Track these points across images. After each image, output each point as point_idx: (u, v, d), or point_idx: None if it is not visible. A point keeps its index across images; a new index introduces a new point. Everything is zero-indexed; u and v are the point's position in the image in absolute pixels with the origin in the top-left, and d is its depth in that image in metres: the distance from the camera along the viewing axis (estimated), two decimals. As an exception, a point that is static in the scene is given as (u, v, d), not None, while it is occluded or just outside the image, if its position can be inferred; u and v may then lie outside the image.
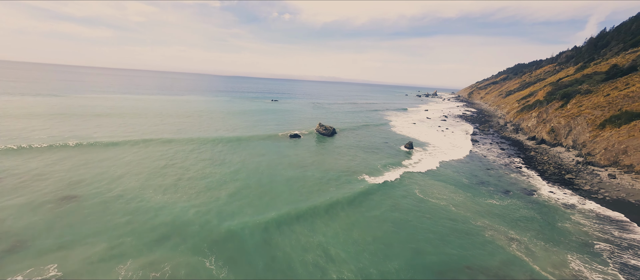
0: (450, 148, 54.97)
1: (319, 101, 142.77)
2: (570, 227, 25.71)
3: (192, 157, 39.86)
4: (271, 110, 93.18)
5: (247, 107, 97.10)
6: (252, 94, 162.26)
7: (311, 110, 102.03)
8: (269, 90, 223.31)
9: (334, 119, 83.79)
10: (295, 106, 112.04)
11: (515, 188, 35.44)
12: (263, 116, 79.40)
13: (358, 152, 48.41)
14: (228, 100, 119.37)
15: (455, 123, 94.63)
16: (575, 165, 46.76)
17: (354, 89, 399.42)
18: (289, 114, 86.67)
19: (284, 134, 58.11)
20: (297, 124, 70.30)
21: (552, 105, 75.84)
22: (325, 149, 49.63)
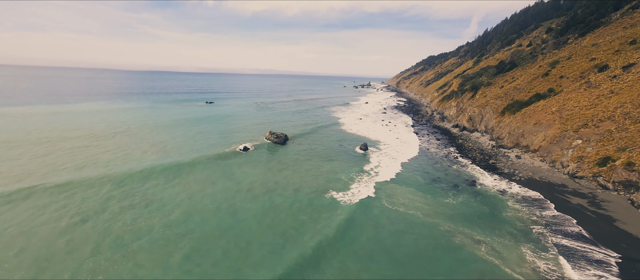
0: (399, 145, 59.03)
1: (262, 100, 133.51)
2: (511, 215, 30.34)
3: (111, 205, 29.58)
4: (209, 117, 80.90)
5: (178, 115, 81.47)
6: (179, 95, 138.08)
7: (255, 112, 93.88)
8: (199, 88, 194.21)
9: (283, 122, 79.15)
10: (236, 109, 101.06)
11: (460, 180, 40.12)
12: (201, 127, 67.95)
13: (317, 162, 46.31)
14: (150, 106, 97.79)
15: (394, 115, 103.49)
16: (492, 149, 57.05)
17: (294, 82, 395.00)
18: (232, 120, 77.14)
19: (231, 148, 50.73)
20: (244, 133, 62.96)
21: (466, 95, 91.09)
22: (283, 162, 45.56)
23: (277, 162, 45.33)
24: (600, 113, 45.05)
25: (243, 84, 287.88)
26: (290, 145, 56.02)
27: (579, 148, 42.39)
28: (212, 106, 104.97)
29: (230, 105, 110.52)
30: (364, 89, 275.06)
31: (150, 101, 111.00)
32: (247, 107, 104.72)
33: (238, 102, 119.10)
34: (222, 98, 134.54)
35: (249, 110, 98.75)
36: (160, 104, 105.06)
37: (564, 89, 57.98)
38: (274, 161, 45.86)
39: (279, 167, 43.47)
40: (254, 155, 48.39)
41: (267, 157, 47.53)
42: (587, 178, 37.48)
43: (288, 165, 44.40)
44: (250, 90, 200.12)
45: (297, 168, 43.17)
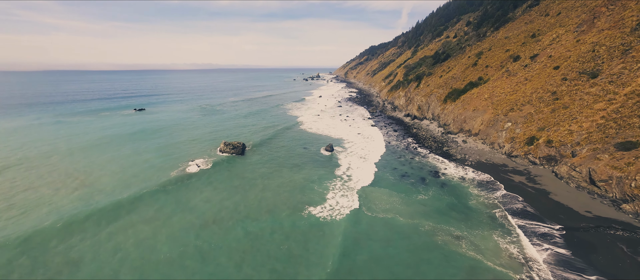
0: (363, 141, 59.69)
1: (206, 101, 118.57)
2: (475, 203, 33.23)
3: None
4: (143, 130, 67.01)
5: (99, 131, 64.88)
6: (96, 103, 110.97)
7: (202, 118, 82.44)
8: (123, 91, 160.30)
9: (237, 127, 71.52)
10: (177, 116, 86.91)
11: (425, 172, 42.49)
12: (135, 145, 55.53)
13: (285, 172, 42.75)
14: (54, 121, 75.35)
15: (350, 108, 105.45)
16: (441, 135, 62.90)
17: (239, 78, 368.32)
18: (174, 132, 65.68)
19: (181, 170, 42.68)
20: (193, 147, 54.12)
21: (412, 85, 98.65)
22: (246, 178, 40.48)
23: (240, 179, 39.98)
24: (521, 98, 53.54)
25: (180, 82, 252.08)
26: (250, 155, 50.51)
27: (510, 130, 49.68)
28: (144, 115, 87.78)
29: (167, 111, 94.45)
30: (314, 82, 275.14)
31: (54, 114, 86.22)
32: (190, 113, 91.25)
33: (177, 107, 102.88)
34: (155, 103, 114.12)
35: (193, 116, 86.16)
36: (69, 116, 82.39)
37: (490, 78, 67.33)
38: (237, 178, 40.34)
39: (244, 184, 38.38)
40: (211, 174, 41.67)
41: (227, 175, 41.53)
42: (520, 156, 44.15)
43: (253, 180, 39.60)
44: (190, 90, 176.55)
45: (264, 183, 38.84)
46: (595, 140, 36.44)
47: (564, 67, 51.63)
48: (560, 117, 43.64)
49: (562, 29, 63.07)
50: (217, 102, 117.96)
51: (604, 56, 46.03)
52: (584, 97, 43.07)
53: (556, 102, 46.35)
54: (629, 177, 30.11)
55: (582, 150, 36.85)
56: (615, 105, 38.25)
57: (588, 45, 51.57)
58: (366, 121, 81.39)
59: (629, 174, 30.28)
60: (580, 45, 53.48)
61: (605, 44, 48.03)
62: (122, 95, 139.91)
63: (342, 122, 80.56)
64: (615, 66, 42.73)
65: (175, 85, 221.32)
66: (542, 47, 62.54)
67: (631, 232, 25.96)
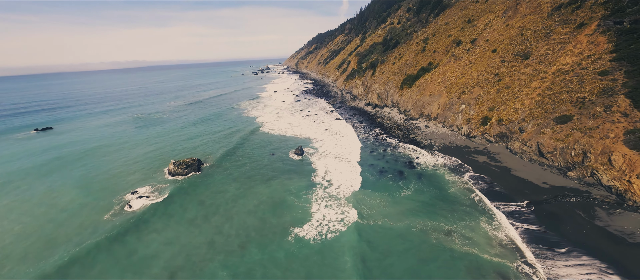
0: (332, 138, 57.37)
1: (140, 109, 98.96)
2: (454, 190, 34.35)
3: None
4: (55, 158, 51.02)
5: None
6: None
7: (137, 133, 67.88)
8: (14, 104, 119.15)
9: (186, 140, 60.98)
10: (101, 132, 69.52)
11: (400, 165, 42.64)
12: (46, 184, 41.41)
13: (256, 189, 37.47)
14: None
15: (309, 102, 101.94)
16: (404, 122, 65.08)
17: (178, 76, 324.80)
18: (101, 156, 51.92)
19: (119, 209, 33.31)
20: (130, 175, 43.26)
21: (367, 73, 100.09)
22: (207, 205, 33.90)
23: (204, 206, 33.26)
24: (469, 81, 58.25)
25: (99, 87, 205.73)
26: (209, 173, 43.09)
27: (465, 112, 53.72)
28: (52, 136, 67.68)
29: (87, 128, 74.82)
30: (265, 75, 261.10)
31: None
32: (120, 127, 74.38)
33: (101, 121, 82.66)
34: (66, 117, 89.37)
35: (125, 131, 70.41)
36: None
37: (440, 63, 71.90)
38: (200, 206, 33.44)
39: (212, 212, 32.00)
40: (165, 206, 33.62)
41: (186, 203, 34.12)
42: (478, 137, 48.03)
43: (222, 205, 33.42)
44: (115, 96, 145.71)
45: (235, 206, 33.14)
46: (537, 116, 41.36)
47: (500, 49, 57.63)
48: (505, 97, 48.57)
49: (492, 14, 70.37)
50: (154, 109, 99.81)
51: (531, 39, 52.53)
52: (521, 77, 48.62)
53: (500, 83, 51.47)
54: (569, 147, 34.77)
55: (528, 126, 41.55)
56: (546, 83, 43.95)
57: (516, 29, 58.38)
58: (330, 115, 79.40)
59: (568, 144, 34.96)
60: (509, 29, 60.28)
61: (530, 28, 54.89)
62: (12, 111, 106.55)
63: (305, 118, 76.81)
64: (542, 48, 49.08)
65: (93, 91, 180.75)
66: (479, 32, 68.96)
67: (580, 197, 29.91)
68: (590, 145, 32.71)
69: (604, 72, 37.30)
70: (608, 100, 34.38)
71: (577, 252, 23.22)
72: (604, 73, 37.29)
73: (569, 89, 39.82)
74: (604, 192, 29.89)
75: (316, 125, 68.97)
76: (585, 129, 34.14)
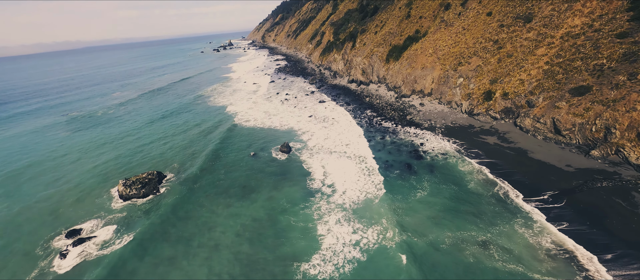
0: (321, 127, 49.54)
1: (77, 105, 79.34)
2: (474, 184, 29.85)
3: None
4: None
5: None
6: None
7: (73, 140, 52.40)
8: None
9: (141, 147, 48.54)
10: (26, 145, 53.39)
11: (405, 155, 37.11)
12: None
13: (236, 208, 29.32)
14: None
15: (285, 83, 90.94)
16: (396, 101, 59.16)
17: (121, 58, 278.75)
18: (21, 182, 38.73)
19: (55, 252, 23.50)
20: (65, 205, 32.07)
21: (347, 46, 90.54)
22: (180, 239, 25.41)
23: (173, 244, 24.69)
24: (465, 50, 52.85)
25: (21, 77, 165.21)
26: (173, 188, 33.44)
27: (464, 86, 48.93)
28: None
29: (5, 138, 57.54)
30: (229, 52, 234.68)
31: None
32: (51, 133, 57.73)
33: (26, 126, 64.02)
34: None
35: (58, 139, 54.59)
36: None
37: (428, 30, 65.16)
38: (166, 244, 24.67)
39: (183, 252, 23.70)
40: (119, 249, 24.34)
41: (147, 241, 25.14)
42: (482, 114, 43.87)
43: (195, 238, 25.12)
44: (43, 89, 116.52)
45: (212, 239, 25.09)
46: (548, 87, 37.57)
47: (497, 12, 52.20)
48: (508, 67, 44.14)
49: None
50: (96, 104, 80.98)
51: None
52: (524, 43, 44.10)
53: (500, 51, 46.71)
54: (589, 123, 31.55)
55: (539, 100, 37.82)
56: (554, 49, 39.85)
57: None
58: (311, 97, 70.50)
59: (588, 119, 31.69)
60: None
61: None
62: None
63: (284, 103, 67.20)
64: (545, 8, 44.33)
65: (13, 83, 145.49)
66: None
67: (611, 180, 27.04)
68: (615, 120, 29.57)
69: (623, 34, 33.61)
70: (632, 67, 30.98)
71: (632, 255, 20.00)
72: (622, 35, 33.60)
73: (583, 56, 36.00)
74: (633, 171, 27.30)
75: (299, 111, 60.17)
76: (608, 101, 30.82)
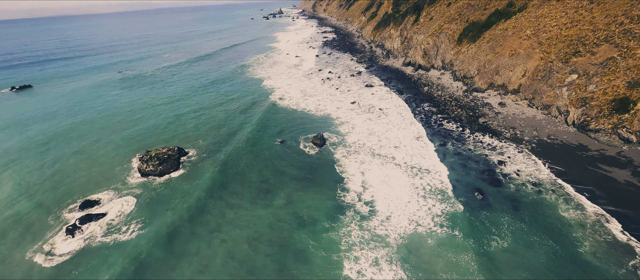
0: (365, 119, 41.41)
1: (133, 65, 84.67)
2: (589, 250, 19.61)
3: None
4: (9, 138, 41.43)
5: None
6: None
7: (120, 99, 54.28)
8: None
9: (175, 115, 47.13)
10: (81, 95, 57.51)
11: (476, 176, 27.49)
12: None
13: (246, 213, 24.71)
14: None
15: (330, 59, 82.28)
16: (465, 95, 46.67)
17: (182, 21, 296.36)
18: (70, 134, 40.99)
19: (64, 222, 22.71)
20: (92, 169, 31.56)
21: (408, 20, 76.00)
22: (179, 241, 22.33)
23: (169, 249, 21.71)
24: (588, 34, 36.87)
25: (99, 34, 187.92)
26: (190, 171, 30.56)
27: (578, 86, 34.51)
28: (28, 97, 57.46)
29: (67, 87, 63.83)
30: (277, 21, 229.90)
31: None
32: (101, 89, 61.76)
33: (86, 80, 70.00)
34: (52, 75, 77.18)
35: (105, 94, 58.07)
36: None
37: (529, 2, 48.26)
38: (159, 248, 21.80)
39: (179, 260, 20.57)
40: (101, 252, 22.31)
41: (143, 235, 22.67)
42: (604, 131, 30.27)
43: (191, 247, 21.69)
44: (111, 45, 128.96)
45: (207, 259, 21.28)
46: None
47: (660, -23, 34.12)
48: (669, 65, 28.62)
49: None
50: (147, 65, 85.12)
51: None
52: None
53: (658, 39, 30.59)
54: None
55: None
56: None
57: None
58: (357, 79, 61.35)
59: None
60: (682, -63, 34.99)
61: None
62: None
63: (325, 83, 59.79)
64: None
65: (91, 38, 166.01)
66: (608, -52, 42.93)
67: None
68: None
69: None
70: None
71: None
72: None
73: None
74: None
75: (340, 95, 52.39)
76: None
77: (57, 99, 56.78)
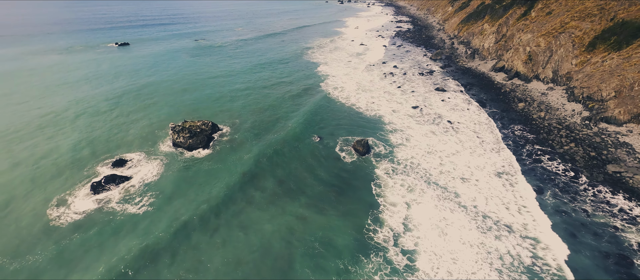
0: (425, 130, 33.16)
1: (205, 36, 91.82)
2: None
3: None
4: (94, 77, 48.26)
5: (64, 78, 47.68)
6: (75, 35, 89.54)
7: (186, 64, 59.17)
8: (124, 17, 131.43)
9: (227, 90, 46.78)
10: (160, 56, 64.44)
11: (601, 262, 17.68)
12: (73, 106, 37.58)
13: (253, 212, 21.61)
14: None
15: (400, 52, 72.34)
16: (583, 124, 32.80)
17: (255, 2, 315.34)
18: (143, 89, 45.95)
19: (95, 175, 23.94)
20: (139, 127, 33.68)
21: (513, 13, 59.26)
22: (172, 236, 20.63)
23: (164, 229, 20.25)
24: None
25: (186, 4, 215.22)
26: (216, 152, 28.89)
27: None
28: (123, 52, 68.82)
29: (153, 48, 73.87)
30: (352, 5, 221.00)
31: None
32: (176, 54, 68.41)
33: (167, 45, 79.02)
34: (146, 35, 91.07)
35: (178, 59, 64.05)
36: (47, 53, 66.92)
37: None
38: (152, 228, 20.46)
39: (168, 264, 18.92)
40: (104, 227, 20.59)
41: (149, 214, 21.50)
42: None
43: (183, 247, 19.73)
44: (190, 17, 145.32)
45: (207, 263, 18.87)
46: None
47: None
48: None
49: None
50: (219, 37, 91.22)
51: None
52: None
53: None
54: None
55: None
56: None
57: None
58: (427, 79, 51.34)
59: None
60: None
61: None
62: (113, 24, 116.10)
63: (385, 78, 52.02)
64: None
65: (184, 8, 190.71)
66: None
67: None
68: None
69: None
70: None
71: None
72: None
73: None
74: None
75: (401, 95, 44.34)
76: None
77: (142, 58, 65.47)
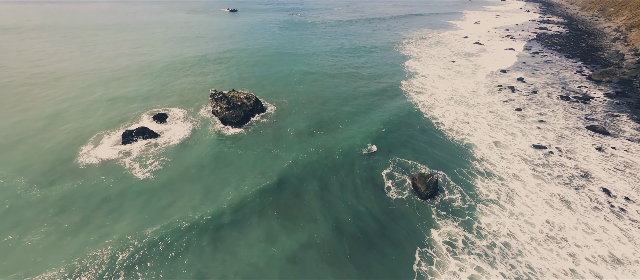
0: (551, 197, 20.18)
1: (304, 9, 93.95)
2: None
3: None
4: (197, 37, 55.19)
5: (181, 32, 58.64)
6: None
7: (274, 34, 62.26)
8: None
9: (306, 70, 42.89)
10: (256, 23, 70.04)
11: None
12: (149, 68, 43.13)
13: (259, 243, 17.02)
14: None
15: (532, 62, 51.87)
16: None
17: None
18: (232, 55, 49.03)
19: (133, 119, 25.24)
20: (205, 80, 35.36)
21: None
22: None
23: (156, 213, 18.70)
24: None
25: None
26: (250, 134, 25.67)
27: None
28: (229, 18, 79.34)
29: (254, 17, 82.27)
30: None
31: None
32: (268, 25, 72.01)
33: (265, 15, 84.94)
34: (254, 5, 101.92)
35: (268, 30, 66.89)
36: (171, 10, 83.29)
37: None
38: (152, 200, 18.93)
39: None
40: (108, 183, 19.52)
41: (149, 186, 19.65)
42: None
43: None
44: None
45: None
46: None
47: None
48: None
49: None
50: (314, 15, 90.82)
51: None
52: None
53: None
54: None
55: None
56: None
57: None
58: (573, 107, 33.52)
59: None
60: None
61: None
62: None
63: (500, 93, 37.25)
64: None
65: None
66: None
67: None
68: None
69: None
70: None
71: None
72: None
73: None
74: None
75: (518, 123, 30.12)
76: None
77: (241, 26, 71.87)
